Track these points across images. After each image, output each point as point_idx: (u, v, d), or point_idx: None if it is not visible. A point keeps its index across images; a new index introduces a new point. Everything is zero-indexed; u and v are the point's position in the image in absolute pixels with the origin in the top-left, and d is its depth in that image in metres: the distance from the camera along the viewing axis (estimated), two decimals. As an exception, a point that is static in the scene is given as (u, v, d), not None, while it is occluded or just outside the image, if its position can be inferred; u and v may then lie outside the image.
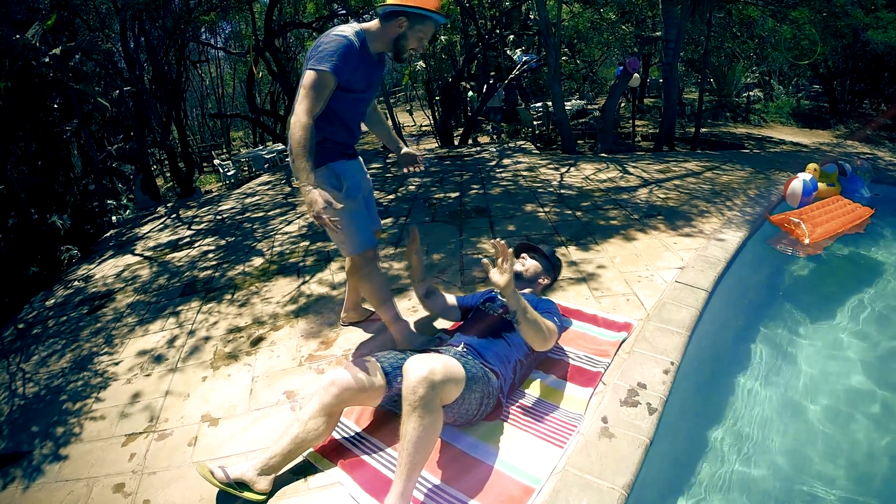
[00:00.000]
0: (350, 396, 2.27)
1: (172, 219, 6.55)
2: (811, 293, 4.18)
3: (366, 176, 3.04)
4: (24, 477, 2.65)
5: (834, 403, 2.91)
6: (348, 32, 2.57)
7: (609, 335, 3.06)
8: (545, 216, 5.12)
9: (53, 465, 2.70)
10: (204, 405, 2.94)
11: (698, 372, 2.94)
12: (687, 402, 2.70)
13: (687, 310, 3.27)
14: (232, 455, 2.54)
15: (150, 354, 3.53)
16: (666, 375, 2.68)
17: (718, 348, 3.33)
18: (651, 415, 2.42)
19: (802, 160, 6.23)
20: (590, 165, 7.11)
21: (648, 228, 4.65)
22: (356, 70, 2.58)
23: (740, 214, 4.88)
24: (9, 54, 5.21)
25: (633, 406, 2.48)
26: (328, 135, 2.71)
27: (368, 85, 2.76)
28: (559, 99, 9.46)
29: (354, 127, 2.88)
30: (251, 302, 4.04)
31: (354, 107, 2.78)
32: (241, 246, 5.11)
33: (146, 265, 5.07)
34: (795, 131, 12.22)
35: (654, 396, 2.53)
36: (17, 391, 3.42)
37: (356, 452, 2.38)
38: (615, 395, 2.57)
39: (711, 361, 3.18)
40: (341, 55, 2.50)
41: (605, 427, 2.36)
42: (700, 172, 6.51)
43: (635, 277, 3.76)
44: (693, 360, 2.92)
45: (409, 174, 7.15)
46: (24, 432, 3.00)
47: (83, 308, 4.41)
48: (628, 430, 2.33)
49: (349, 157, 2.86)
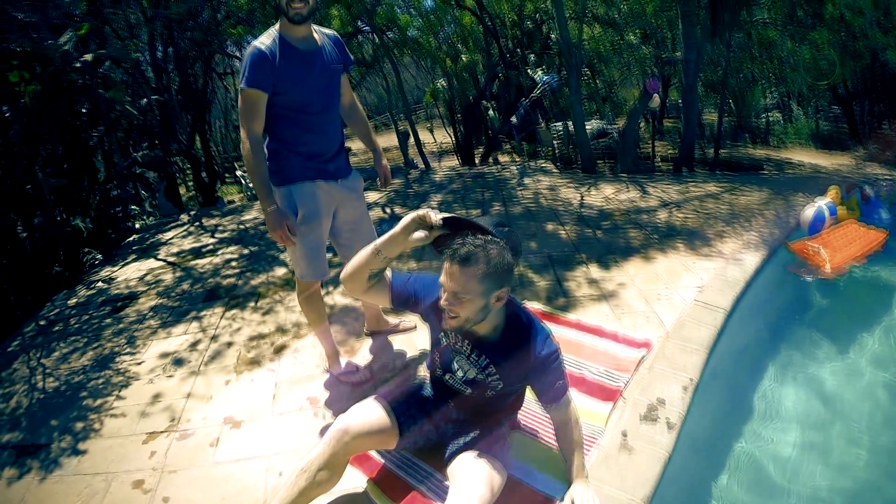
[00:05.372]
0: (362, 444, 2.12)
1: (195, 226, 6.63)
2: (830, 316, 4.17)
3: (350, 197, 2.90)
4: (42, 469, 2.68)
5: (852, 427, 2.91)
6: (258, 41, 2.51)
7: (629, 352, 3.07)
8: (566, 235, 5.15)
9: (72, 458, 2.73)
10: (226, 408, 2.98)
11: (717, 390, 2.95)
12: (705, 419, 2.71)
13: (706, 329, 3.28)
14: (254, 458, 2.57)
15: (172, 356, 3.58)
16: (685, 392, 2.70)
17: (737, 368, 3.33)
18: (670, 430, 2.43)
19: (821, 183, 6.21)
20: (610, 186, 7.14)
21: (668, 249, 4.66)
22: (281, 71, 2.50)
23: (759, 236, 4.87)
24: (41, 58, 5.33)
25: (652, 421, 2.49)
26: (292, 145, 2.65)
27: (307, 79, 2.59)
28: (580, 119, 9.48)
29: (325, 129, 2.73)
30: (275, 310, 4.08)
31: (308, 106, 2.63)
32: (264, 256, 5.17)
33: (169, 270, 5.14)
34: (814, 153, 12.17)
35: (673, 412, 2.55)
36: (36, 385, 3.47)
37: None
38: (635, 410, 2.59)
39: (730, 380, 3.19)
40: (252, 66, 2.46)
41: (625, 441, 2.38)
42: (719, 194, 6.51)
43: (655, 296, 3.78)
44: (712, 378, 2.93)
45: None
46: (42, 426, 3.03)
47: (105, 308, 4.47)
48: (648, 445, 2.35)
49: (319, 174, 2.73)
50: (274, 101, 2.55)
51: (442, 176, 8.71)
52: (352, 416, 2.13)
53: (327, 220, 2.83)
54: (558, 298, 3.84)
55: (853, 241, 4.84)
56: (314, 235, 2.77)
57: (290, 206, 2.68)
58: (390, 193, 7.29)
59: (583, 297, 3.83)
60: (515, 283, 2.51)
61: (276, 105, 2.57)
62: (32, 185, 5.64)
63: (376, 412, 2.16)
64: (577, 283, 4.07)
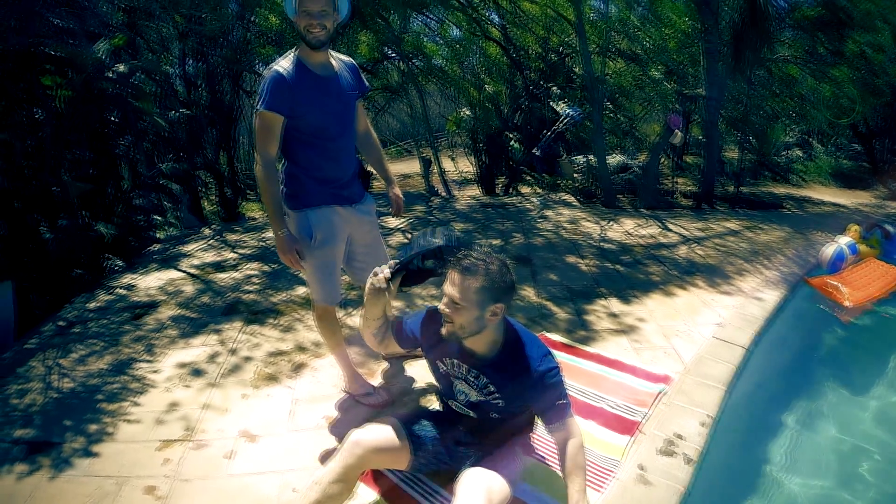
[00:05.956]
0: (373, 458, 2.15)
1: (217, 240, 6.69)
2: (850, 355, 4.15)
3: (364, 222, 2.92)
4: (52, 467, 2.69)
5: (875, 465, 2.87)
6: (277, 64, 2.56)
7: (648, 386, 3.06)
8: (586, 268, 5.16)
9: (84, 459, 2.73)
10: (242, 421, 2.98)
11: (735, 426, 2.93)
12: (723, 454, 2.69)
13: (725, 365, 3.27)
14: (269, 472, 2.57)
15: (190, 367, 3.59)
16: (703, 428, 2.69)
17: (756, 405, 3.31)
18: (687, 464, 2.42)
19: (842, 221, 6.18)
20: (630, 220, 7.14)
21: (688, 284, 4.65)
22: (299, 95, 2.53)
23: (779, 274, 4.86)
24: (75, 65, 5.45)
25: (670, 455, 2.48)
26: (310, 170, 2.68)
27: (324, 104, 2.62)
28: (602, 153, 9.52)
29: (341, 155, 2.76)
30: (294, 328, 4.08)
31: (325, 131, 2.66)
32: (284, 274, 5.18)
33: (190, 281, 5.18)
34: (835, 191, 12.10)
35: (690, 447, 2.53)
36: (52, 384, 3.49)
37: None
38: (652, 443, 2.57)
39: (748, 417, 3.17)
40: (270, 90, 2.49)
41: (642, 474, 2.36)
42: (739, 231, 6.50)
43: (674, 331, 3.77)
44: (730, 414, 2.91)
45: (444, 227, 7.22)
46: (56, 424, 3.04)
47: (125, 314, 4.51)
48: (665, 479, 2.33)
49: (335, 199, 2.75)
50: (292, 125, 2.59)
51: (464, 204, 8.77)
52: (365, 430, 2.18)
53: (342, 244, 2.85)
54: (578, 331, 3.84)
55: (874, 279, 4.82)
56: (329, 260, 2.79)
57: (306, 230, 2.70)
58: (412, 220, 7.34)
59: (602, 331, 3.83)
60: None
61: (294, 129, 2.60)
62: (59, 188, 5.75)
63: (389, 430, 2.20)
64: (597, 317, 4.07)
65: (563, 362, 3.27)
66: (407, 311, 4.14)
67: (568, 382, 3.04)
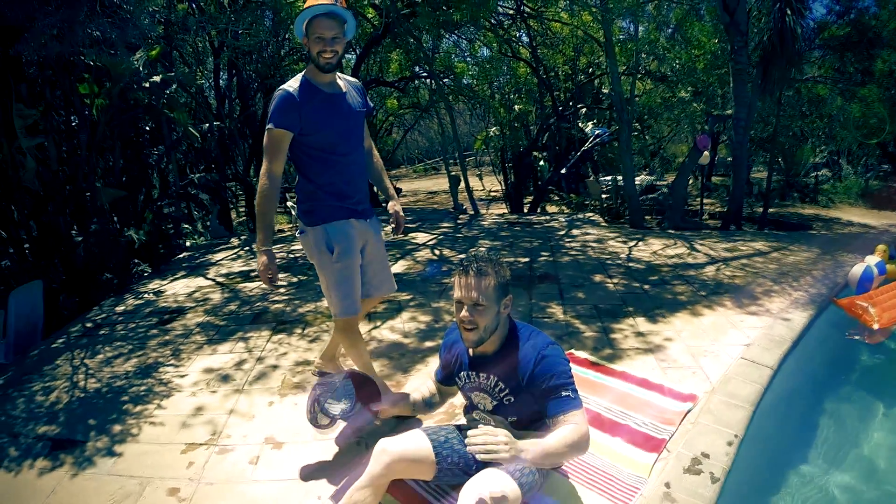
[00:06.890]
0: (400, 468, 2.15)
1: (245, 251, 6.78)
2: (879, 377, 4.06)
3: (374, 236, 2.94)
4: (75, 464, 2.73)
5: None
6: (287, 84, 2.62)
7: (674, 405, 3.03)
8: (613, 287, 5.13)
9: (107, 458, 2.77)
10: (268, 428, 3.00)
11: (762, 446, 2.88)
12: (749, 474, 2.65)
13: (752, 386, 3.22)
14: (294, 479, 2.58)
15: (216, 373, 3.64)
16: (729, 447, 2.65)
17: (783, 426, 3.27)
18: (713, 483, 2.39)
19: (870, 242, 6.07)
20: (658, 241, 7.10)
21: (715, 305, 4.59)
22: (308, 113, 2.59)
23: (806, 295, 4.78)
24: (111, 75, 5.60)
25: (696, 474, 2.45)
26: (322, 187, 2.73)
27: (332, 121, 2.68)
28: (629, 173, 9.50)
29: (353, 171, 2.81)
30: (322, 339, 4.10)
31: (336, 147, 2.72)
32: (312, 286, 5.22)
33: (217, 289, 5.25)
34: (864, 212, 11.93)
35: (717, 466, 2.50)
36: (78, 384, 3.55)
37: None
38: (679, 462, 2.54)
39: (775, 438, 3.12)
40: (280, 107, 2.55)
41: (668, 492, 2.33)
42: (767, 252, 6.41)
43: (701, 351, 3.72)
44: (757, 434, 2.87)
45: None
46: (80, 423, 3.09)
47: (152, 319, 4.58)
48: (690, 497, 2.30)
49: (350, 213, 2.79)
50: (303, 141, 2.65)
51: (491, 222, 8.79)
52: (393, 439, 2.19)
53: (359, 256, 2.87)
54: (605, 349, 3.82)
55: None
56: (349, 272, 2.80)
57: (325, 243, 2.74)
58: (440, 235, 7.38)
59: (629, 349, 3.79)
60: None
61: (306, 146, 2.67)
62: (91, 194, 5.88)
63: (416, 441, 2.20)
64: (624, 335, 4.04)
65: (590, 379, 3.30)
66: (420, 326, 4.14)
67: (594, 399, 3.05)
